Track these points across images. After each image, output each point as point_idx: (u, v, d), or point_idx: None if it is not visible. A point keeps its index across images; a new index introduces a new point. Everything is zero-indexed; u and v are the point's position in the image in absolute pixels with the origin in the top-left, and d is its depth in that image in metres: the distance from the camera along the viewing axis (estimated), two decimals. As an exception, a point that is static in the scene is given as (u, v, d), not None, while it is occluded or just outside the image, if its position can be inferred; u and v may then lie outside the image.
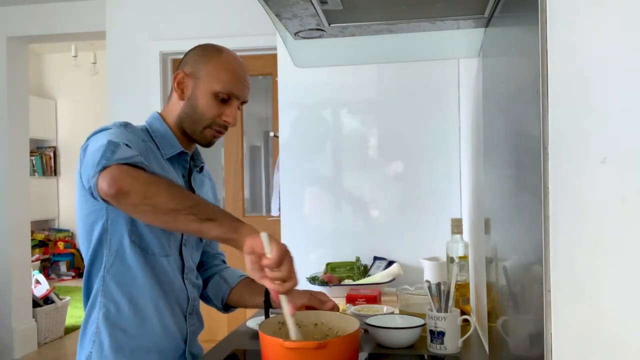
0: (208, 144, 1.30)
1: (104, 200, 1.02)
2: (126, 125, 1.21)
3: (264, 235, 0.98)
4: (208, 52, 1.27)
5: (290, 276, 0.98)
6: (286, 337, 1.03)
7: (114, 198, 0.99)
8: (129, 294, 1.19)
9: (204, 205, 1.03)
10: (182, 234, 1.27)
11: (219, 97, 1.23)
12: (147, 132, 1.27)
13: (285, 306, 1.00)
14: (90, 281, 1.21)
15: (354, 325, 1.08)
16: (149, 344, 1.20)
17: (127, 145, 1.07)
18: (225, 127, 1.28)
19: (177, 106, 1.28)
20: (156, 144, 1.25)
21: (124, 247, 1.17)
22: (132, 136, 1.16)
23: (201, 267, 1.43)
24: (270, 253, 0.97)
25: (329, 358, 0.98)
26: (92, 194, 1.04)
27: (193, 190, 1.30)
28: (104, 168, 0.99)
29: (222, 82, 1.23)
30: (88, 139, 1.15)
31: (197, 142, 1.30)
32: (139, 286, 1.19)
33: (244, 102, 1.28)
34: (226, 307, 1.45)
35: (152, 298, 1.20)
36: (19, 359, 3.92)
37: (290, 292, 1.00)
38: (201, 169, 1.39)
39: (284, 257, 0.98)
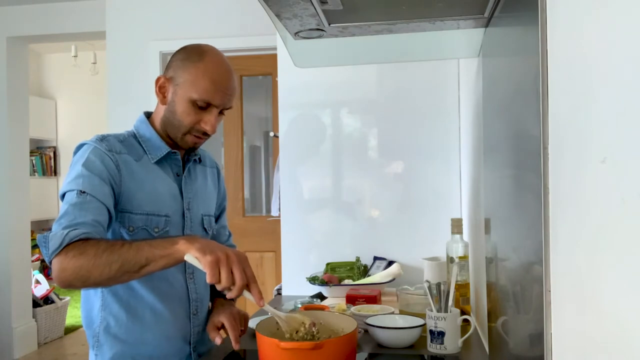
0: (190, 148, 1.30)
1: None
2: (102, 140, 1.20)
3: (188, 259, 1.01)
4: (189, 56, 1.23)
5: (233, 281, 1.00)
6: (283, 337, 1.04)
7: (67, 289, 1.09)
8: (127, 305, 1.21)
9: (134, 253, 1.04)
10: (183, 232, 1.27)
11: (196, 104, 1.20)
12: (135, 137, 1.27)
13: (252, 299, 1.02)
14: (89, 297, 1.24)
15: (351, 326, 1.08)
16: (149, 351, 1.22)
17: (82, 193, 1.09)
18: (206, 134, 1.25)
19: (161, 110, 1.27)
20: (144, 148, 1.25)
21: None
22: (104, 162, 1.15)
23: None
24: (204, 269, 0.99)
25: (325, 358, 0.98)
26: None
27: (182, 192, 1.28)
28: (51, 261, 1.06)
29: (200, 91, 1.19)
30: (74, 153, 1.20)
31: (179, 146, 1.28)
32: (138, 296, 1.21)
33: (226, 108, 1.24)
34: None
35: (150, 306, 1.22)
36: (19, 359, 3.92)
37: (250, 289, 1.01)
38: (200, 160, 1.37)
39: (215, 269, 0.99)
